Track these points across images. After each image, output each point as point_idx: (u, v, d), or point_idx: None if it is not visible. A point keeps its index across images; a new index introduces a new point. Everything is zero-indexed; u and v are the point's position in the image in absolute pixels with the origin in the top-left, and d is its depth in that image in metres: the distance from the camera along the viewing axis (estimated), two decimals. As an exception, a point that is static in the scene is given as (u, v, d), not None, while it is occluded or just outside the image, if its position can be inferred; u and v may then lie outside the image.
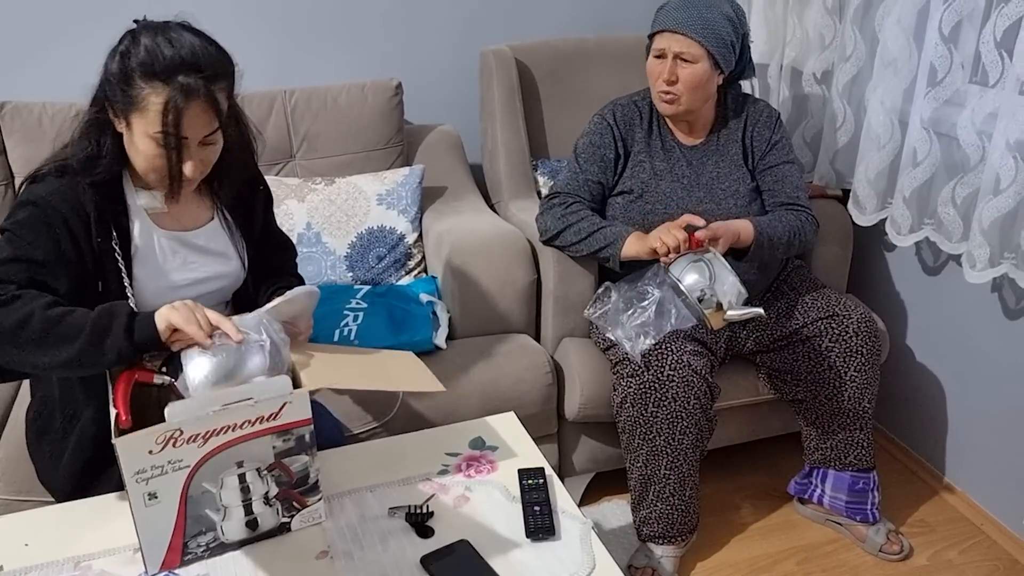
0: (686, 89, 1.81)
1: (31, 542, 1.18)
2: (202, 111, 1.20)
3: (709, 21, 1.77)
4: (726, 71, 1.84)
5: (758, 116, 1.95)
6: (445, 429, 1.46)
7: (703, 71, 1.79)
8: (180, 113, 1.18)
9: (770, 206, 1.94)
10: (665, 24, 1.80)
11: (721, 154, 1.93)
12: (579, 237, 1.88)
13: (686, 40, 1.77)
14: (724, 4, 1.80)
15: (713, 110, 1.94)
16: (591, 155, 1.93)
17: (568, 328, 2.01)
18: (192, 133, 1.21)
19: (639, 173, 1.92)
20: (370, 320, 1.95)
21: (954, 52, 1.86)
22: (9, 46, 2.21)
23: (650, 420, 1.74)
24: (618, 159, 1.93)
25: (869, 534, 1.96)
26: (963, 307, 2.07)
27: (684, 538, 1.87)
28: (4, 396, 1.77)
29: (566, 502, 1.27)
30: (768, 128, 1.94)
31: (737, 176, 1.91)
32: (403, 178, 2.21)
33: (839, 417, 1.88)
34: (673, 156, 1.92)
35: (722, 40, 1.78)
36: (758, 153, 1.94)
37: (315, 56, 2.46)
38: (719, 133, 1.94)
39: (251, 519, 1.14)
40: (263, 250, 1.51)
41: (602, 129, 1.93)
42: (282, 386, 1.10)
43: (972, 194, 1.88)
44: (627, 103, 1.96)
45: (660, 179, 1.89)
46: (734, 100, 1.96)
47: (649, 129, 1.94)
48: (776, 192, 1.93)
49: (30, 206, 1.24)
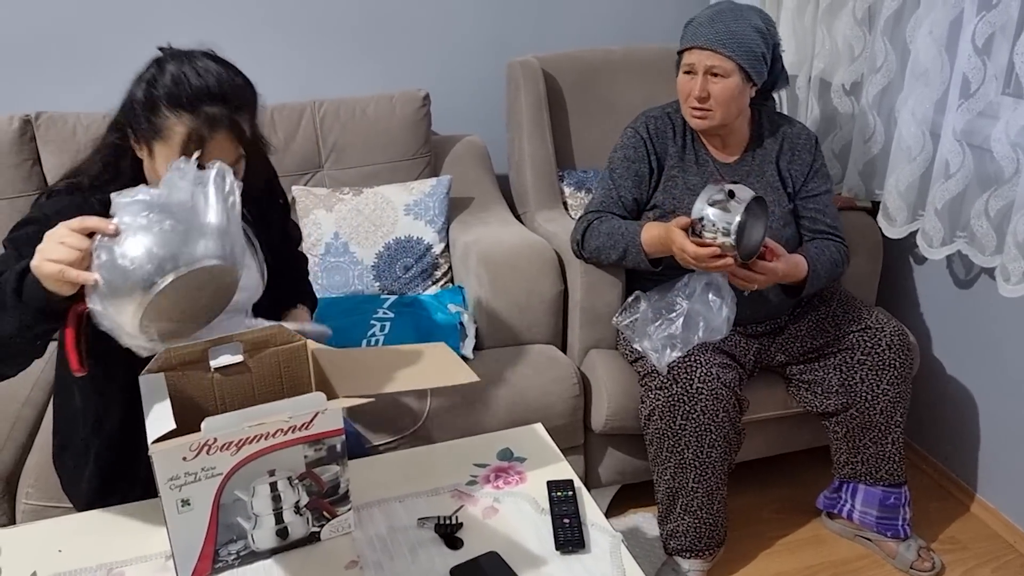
0: (718, 104, 1.79)
1: (64, 548, 1.19)
2: (226, 140, 1.20)
3: (738, 35, 1.75)
4: (758, 83, 1.82)
5: (796, 139, 1.92)
6: (473, 440, 1.46)
7: (735, 85, 1.78)
8: (204, 143, 1.17)
9: (809, 233, 1.92)
10: (694, 41, 1.78)
11: (757, 175, 1.90)
12: (601, 240, 1.87)
13: (716, 55, 1.76)
14: (753, 16, 1.79)
15: (747, 126, 1.92)
16: (625, 170, 1.91)
17: (595, 339, 2.00)
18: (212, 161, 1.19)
19: (671, 188, 1.89)
20: (397, 330, 1.96)
21: (987, 63, 1.84)
22: (45, 57, 2.25)
23: (678, 433, 1.73)
24: (652, 173, 1.91)
25: (900, 550, 1.93)
26: (996, 321, 2.04)
27: (711, 552, 1.85)
28: (36, 402, 1.79)
29: (596, 515, 1.26)
30: (808, 152, 1.91)
31: (772, 199, 1.87)
32: (430, 188, 2.22)
33: (870, 431, 1.86)
34: (707, 171, 1.89)
35: (752, 53, 1.77)
36: (798, 178, 1.91)
37: (344, 67, 2.48)
38: (754, 152, 1.91)
39: (281, 528, 1.15)
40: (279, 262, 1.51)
41: (635, 143, 1.91)
42: (317, 401, 1.10)
43: (1006, 207, 1.86)
44: (660, 115, 1.93)
45: (694, 195, 1.85)
46: (769, 119, 1.94)
47: (683, 143, 1.91)
48: (817, 220, 1.91)
49: (34, 224, 1.20)
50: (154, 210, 1.01)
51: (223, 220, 1.05)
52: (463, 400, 1.83)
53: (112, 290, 1.00)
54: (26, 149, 2.06)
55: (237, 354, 1.25)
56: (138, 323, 1.02)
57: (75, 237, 1.01)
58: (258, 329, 1.28)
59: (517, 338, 2.01)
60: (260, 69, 1.46)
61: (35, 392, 1.81)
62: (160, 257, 0.99)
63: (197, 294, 1.07)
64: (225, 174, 1.08)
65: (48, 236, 1.02)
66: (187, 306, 1.08)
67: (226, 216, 1.05)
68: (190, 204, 1.03)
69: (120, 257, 0.99)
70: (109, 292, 1.00)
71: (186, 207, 1.03)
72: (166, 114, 1.18)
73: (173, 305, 1.04)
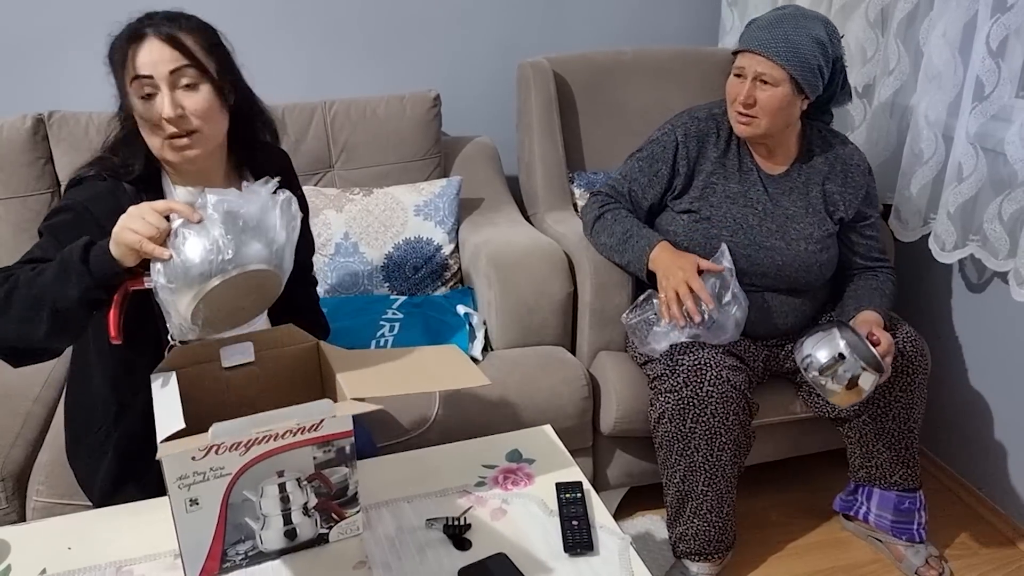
0: (764, 113, 1.73)
1: (73, 545, 1.19)
2: (159, 47, 1.24)
3: (795, 43, 1.68)
4: (811, 96, 1.75)
5: (848, 160, 1.86)
6: (482, 441, 1.45)
7: (783, 95, 1.72)
8: (137, 51, 1.24)
9: (862, 260, 1.92)
10: (748, 44, 1.73)
11: (801, 192, 1.85)
12: (612, 240, 1.87)
13: (767, 62, 1.69)
14: (816, 26, 1.70)
15: (796, 139, 1.86)
16: (646, 167, 1.89)
17: (604, 341, 2.00)
18: (155, 70, 1.24)
19: (709, 195, 1.84)
20: (406, 331, 1.96)
21: (1002, 66, 1.83)
22: (57, 56, 2.26)
23: (688, 436, 1.72)
24: (674, 176, 1.86)
25: (907, 555, 1.92)
26: (1009, 325, 2.03)
27: (721, 555, 1.84)
28: (47, 400, 1.80)
29: (604, 517, 1.26)
30: (862, 176, 1.86)
31: (813, 221, 1.83)
32: (440, 189, 2.22)
33: (884, 436, 1.85)
34: (750, 180, 1.85)
35: (807, 64, 1.69)
36: (851, 204, 1.86)
37: (354, 68, 2.48)
38: (801, 169, 1.86)
39: (290, 529, 1.15)
40: None
41: (667, 143, 1.86)
42: (326, 408, 1.10)
43: (1019, 210, 1.85)
44: (705, 116, 1.87)
45: (733, 202, 1.81)
46: (819, 135, 1.88)
47: (726, 148, 1.86)
48: (872, 248, 1.91)
49: (67, 211, 1.28)
50: (233, 211, 1.11)
51: (283, 237, 1.16)
52: (472, 401, 1.83)
53: (184, 270, 1.09)
54: (39, 148, 2.07)
55: (249, 354, 1.26)
56: (193, 305, 1.11)
57: (156, 216, 1.10)
58: (270, 329, 1.29)
59: (526, 339, 2.00)
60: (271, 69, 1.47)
61: (45, 390, 1.82)
62: (233, 250, 1.10)
63: (245, 295, 1.16)
64: (292, 202, 1.18)
65: (132, 210, 1.11)
66: (234, 303, 1.16)
67: (286, 235, 1.17)
68: (260, 216, 1.14)
69: (197, 242, 1.09)
70: (179, 271, 1.09)
71: (258, 217, 1.13)
72: (113, 49, 1.27)
73: (225, 299, 1.13)
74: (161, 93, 1.25)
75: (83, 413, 1.44)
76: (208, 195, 1.12)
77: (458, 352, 1.38)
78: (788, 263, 1.81)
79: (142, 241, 1.09)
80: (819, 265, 1.83)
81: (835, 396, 1.66)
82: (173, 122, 1.25)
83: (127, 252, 1.11)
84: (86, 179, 1.32)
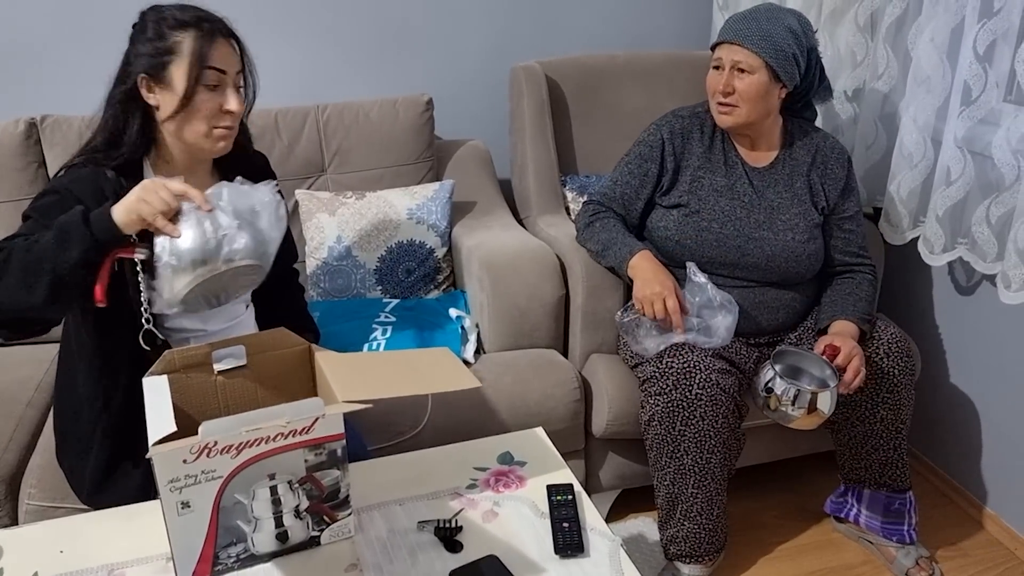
0: (743, 101, 1.78)
1: (65, 549, 1.19)
2: (231, 48, 1.37)
3: (768, 32, 1.75)
4: (789, 85, 1.81)
5: (829, 152, 1.90)
6: (473, 443, 1.46)
7: (760, 83, 1.77)
8: (215, 46, 1.33)
9: (840, 256, 1.93)
10: (724, 36, 1.80)
11: (786, 184, 1.88)
12: (598, 247, 1.92)
13: (743, 50, 1.76)
14: (788, 17, 1.78)
15: (777, 131, 1.91)
16: (635, 169, 1.93)
17: (596, 344, 2.01)
18: (227, 66, 1.35)
19: (696, 189, 1.88)
20: (399, 334, 1.97)
21: (989, 71, 1.85)
22: (50, 60, 2.26)
23: (677, 438, 1.73)
24: (662, 174, 1.91)
25: (898, 557, 1.93)
26: (997, 328, 2.04)
27: (712, 557, 1.85)
28: (39, 404, 1.80)
29: (595, 519, 1.27)
30: (841, 167, 1.90)
31: (799, 211, 1.87)
32: (433, 193, 2.23)
33: (872, 439, 1.86)
34: (735, 173, 1.88)
35: (781, 51, 1.76)
36: (832, 194, 1.90)
37: (347, 71, 2.49)
38: (786, 161, 1.90)
39: (281, 532, 1.15)
40: None
41: (653, 142, 1.91)
42: (316, 407, 1.11)
43: (1007, 214, 1.86)
44: (689, 114, 1.93)
45: (720, 195, 1.85)
46: (800, 128, 1.93)
47: (710, 143, 1.90)
48: (850, 242, 1.93)
49: (52, 194, 1.34)
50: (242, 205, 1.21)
51: (277, 236, 1.26)
52: (464, 403, 1.83)
53: (189, 251, 1.17)
54: (31, 152, 2.07)
55: (241, 357, 1.26)
56: (192, 286, 1.19)
57: (170, 194, 1.18)
58: (261, 332, 1.29)
59: (518, 342, 2.01)
60: (264, 72, 1.50)
61: (38, 394, 1.82)
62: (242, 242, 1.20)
63: (232, 283, 1.26)
64: (283, 204, 1.30)
65: (148, 183, 1.19)
66: (220, 288, 1.25)
67: (278, 234, 1.27)
68: (264, 213, 1.25)
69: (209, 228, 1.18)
70: (185, 252, 1.17)
71: (263, 214, 1.24)
72: (174, 35, 1.33)
73: (217, 284, 1.22)
74: (228, 88, 1.36)
75: (71, 410, 1.46)
76: (222, 187, 1.21)
77: (450, 355, 1.39)
78: (777, 253, 1.83)
79: (156, 215, 1.16)
80: (807, 255, 1.85)
81: (797, 422, 1.72)
82: (233, 116, 1.37)
83: (134, 221, 1.18)
84: (72, 166, 1.38)
